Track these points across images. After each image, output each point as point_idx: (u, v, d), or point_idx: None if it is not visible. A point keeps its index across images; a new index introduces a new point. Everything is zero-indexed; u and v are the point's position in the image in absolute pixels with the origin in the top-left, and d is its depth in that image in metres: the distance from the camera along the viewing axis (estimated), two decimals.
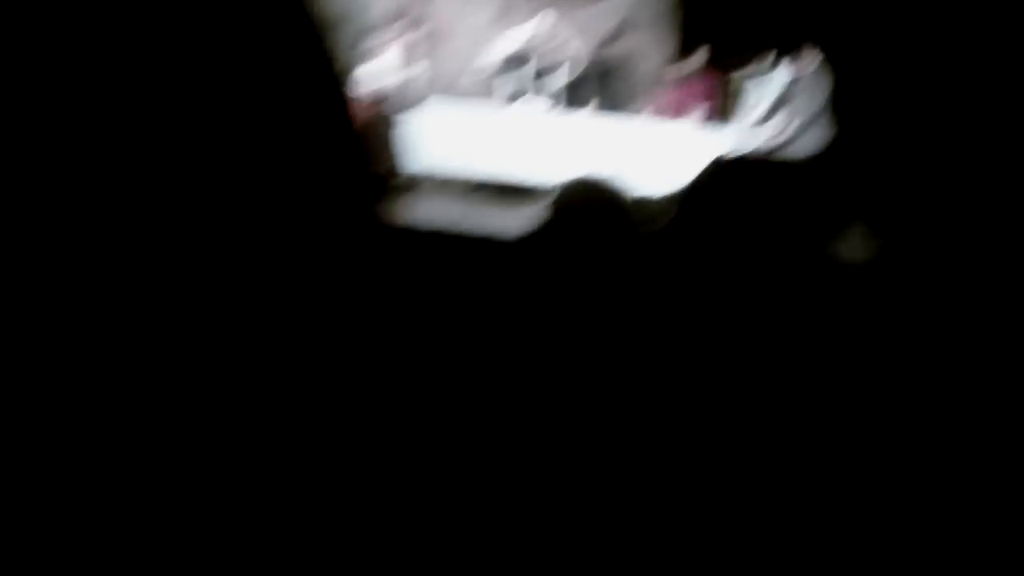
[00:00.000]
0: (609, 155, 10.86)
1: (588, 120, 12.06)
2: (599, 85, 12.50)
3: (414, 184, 11.78)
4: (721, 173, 1.75)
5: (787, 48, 11.90)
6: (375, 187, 0.78)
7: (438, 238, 8.16)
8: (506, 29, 13.64)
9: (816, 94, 11.56)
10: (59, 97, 0.68)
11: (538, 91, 12.36)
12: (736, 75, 12.45)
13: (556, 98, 12.35)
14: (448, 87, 12.50)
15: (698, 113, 12.49)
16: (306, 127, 0.78)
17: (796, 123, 11.64)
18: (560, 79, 12.41)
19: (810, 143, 11.56)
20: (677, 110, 12.66)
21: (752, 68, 12.31)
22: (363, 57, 12.25)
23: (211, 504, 0.69)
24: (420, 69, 11.89)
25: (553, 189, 2.32)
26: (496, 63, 12.58)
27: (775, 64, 12.15)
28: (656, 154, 11.32)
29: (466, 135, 11.70)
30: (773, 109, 11.94)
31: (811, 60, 11.68)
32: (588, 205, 2.13)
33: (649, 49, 13.26)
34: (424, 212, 10.45)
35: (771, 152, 11.71)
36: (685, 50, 12.99)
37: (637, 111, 12.93)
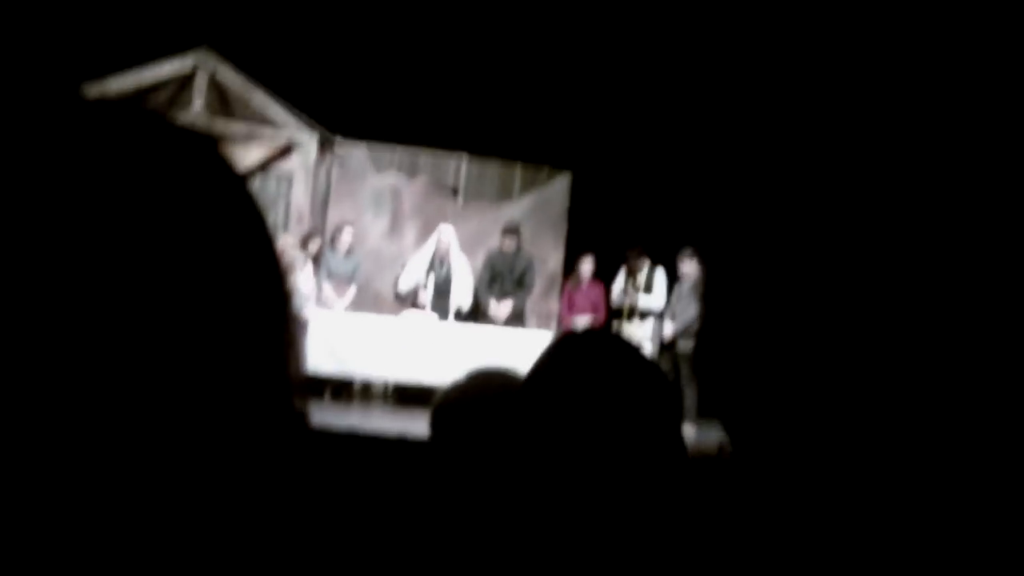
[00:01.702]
0: (502, 360, 11.09)
1: (482, 328, 12.34)
2: (494, 292, 12.81)
3: (322, 387, 11.86)
4: (568, 347, 1.84)
5: (668, 253, 12.41)
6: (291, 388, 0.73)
7: (347, 441, 8.21)
8: (403, 240, 13.99)
9: (694, 295, 12.04)
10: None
11: (439, 300, 12.61)
12: (624, 279, 12.87)
13: (455, 307, 12.62)
14: (351, 295, 12.71)
15: (588, 319, 12.85)
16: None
17: (681, 321, 12.06)
18: (459, 288, 12.70)
19: (690, 341, 11.98)
20: (568, 316, 13.03)
21: (638, 274, 12.75)
22: None
23: None
24: (308, 278, 12.12)
25: (452, 383, 2.33)
26: (406, 277, 12.86)
27: (656, 269, 12.63)
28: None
29: (371, 341, 11.87)
30: (662, 311, 12.37)
31: (691, 263, 12.20)
32: (482, 394, 2.22)
33: (540, 257, 13.67)
34: (333, 416, 10.51)
35: (666, 349, 12.08)
36: (574, 259, 13.44)
37: (529, 317, 13.27)
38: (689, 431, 11.36)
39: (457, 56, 13.75)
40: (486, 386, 2.18)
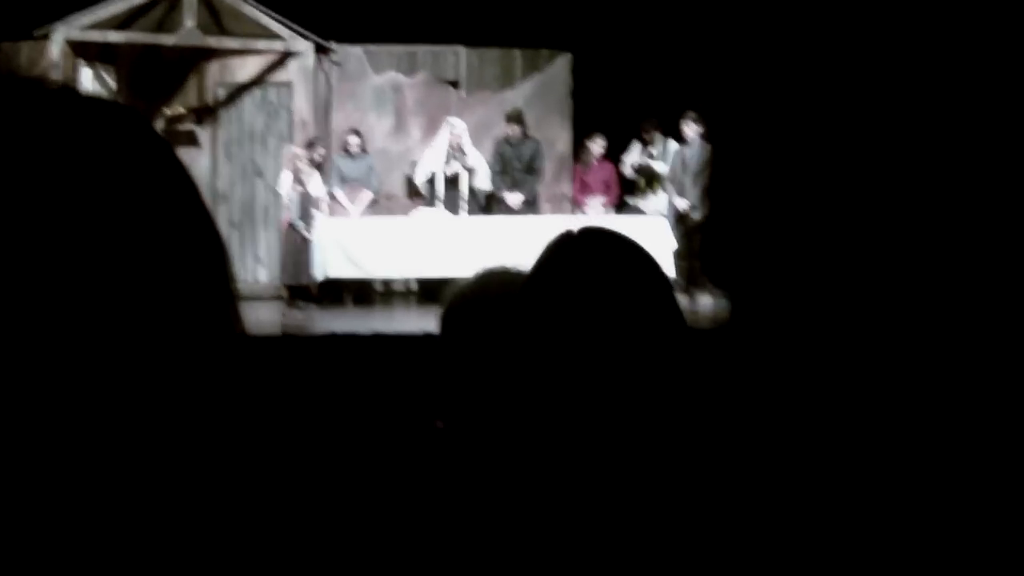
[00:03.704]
0: (518, 250, 11.09)
1: (497, 219, 12.35)
2: (505, 181, 12.78)
3: (342, 293, 11.95)
4: (569, 245, 1.92)
5: (675, 122, 12.36)
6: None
7: (356, 342, 8.31)
8: (409, 138, 13.96)
9: (702, 162, 12.04)
10: None
11: (450, 195, 12.60)
12: (634, 156, 12.84)
13: (466, 200, 12.61)
14: (366, 199, 12.72)
15: (600, 199, 12.84)
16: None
17: (693, 194, 12.06)
18: (477, 178, 12.69)
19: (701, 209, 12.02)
20: (581, 197, 13.02)
21: (649, 147, 12.73)
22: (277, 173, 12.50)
23: None
24: (317, 184, 12.11)
25: (461, 283, 2.39)
26: (421, 171, 12.85)
27: (668, 140, 12.61)
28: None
29: (386, 243, 11.90)
30: (674, 181, 12.36)
31: (694, 127, 12.18)
32: (491, 294, 2.27)
33: (548, 141, 13.62)
34: (357, 321, 10.61)
35: (681, 220, 12.10)
36: (583, 140, 13.37)
37: (542, 202, 13.26)
38: (706, 301, 11.44)
39: None
40: (492, 285, 2.23)
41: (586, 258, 1.83)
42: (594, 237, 1.90)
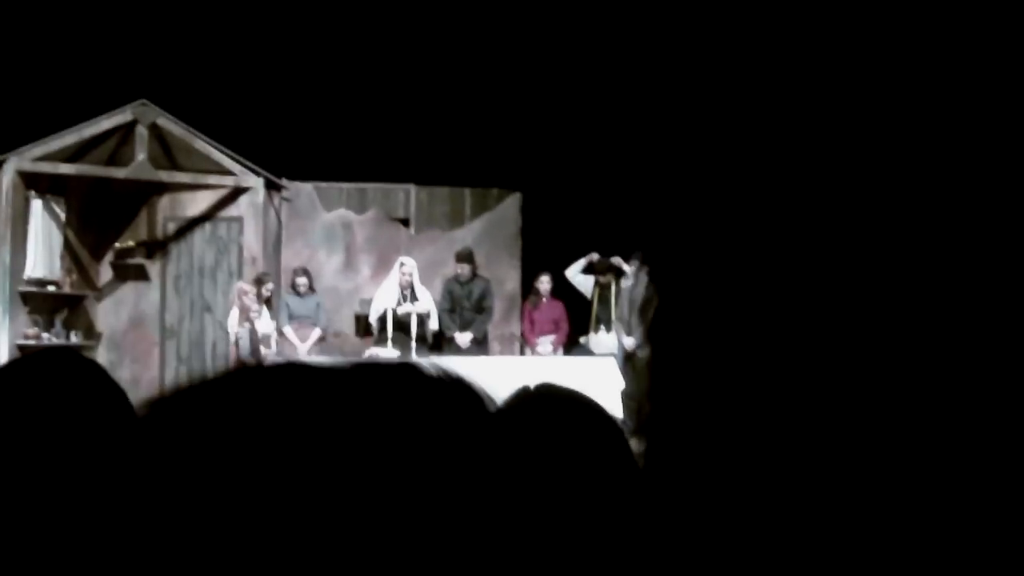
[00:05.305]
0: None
1: (446, 359, 12.29)
2: (454, 320, 12.78)
3: None
4: (526, 402, 1.98)
5: (626, 260, 12.51)
6: None
7: None
8: (359, 276, 13.96)
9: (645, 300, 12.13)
10: None
11: (401, 334, 12.51)
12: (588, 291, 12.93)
13: (417, 339, 12.54)
14: (315, 337, 12.65)
15: (551, 338, 12.87)
16: None
17: (640, 333, 12.12)
18: (420, 320, 12.62)
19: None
20: (531, 336, 13.03)
21: (602, 283, 12.83)
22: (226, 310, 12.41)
23: None
24: (266, 321, 12.04)
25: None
26: (376, 309, 12.75)
27: (621, 278, 12.72)
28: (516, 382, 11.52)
29: None
30: (621, 319, 12.44)
31: (639, 269, 12.32)
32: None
33: (497, 279, 13.66)
34: None
35: (629, 359, 12.13)
36: (532, 278, 13.43)
37: (491, 341, 13.27)
38: None
39: (395, 87, 13.73)
40: None
41: (542, 418, 1.89)
42: (549, 397, 1.96)
